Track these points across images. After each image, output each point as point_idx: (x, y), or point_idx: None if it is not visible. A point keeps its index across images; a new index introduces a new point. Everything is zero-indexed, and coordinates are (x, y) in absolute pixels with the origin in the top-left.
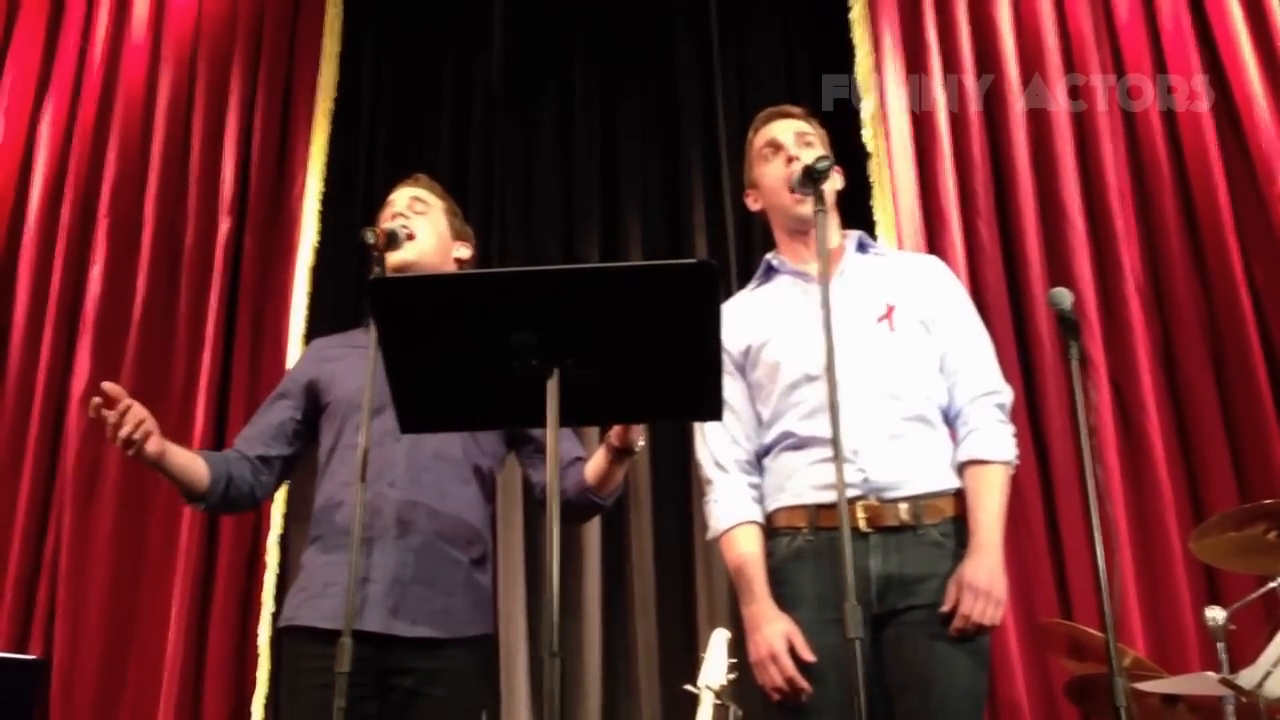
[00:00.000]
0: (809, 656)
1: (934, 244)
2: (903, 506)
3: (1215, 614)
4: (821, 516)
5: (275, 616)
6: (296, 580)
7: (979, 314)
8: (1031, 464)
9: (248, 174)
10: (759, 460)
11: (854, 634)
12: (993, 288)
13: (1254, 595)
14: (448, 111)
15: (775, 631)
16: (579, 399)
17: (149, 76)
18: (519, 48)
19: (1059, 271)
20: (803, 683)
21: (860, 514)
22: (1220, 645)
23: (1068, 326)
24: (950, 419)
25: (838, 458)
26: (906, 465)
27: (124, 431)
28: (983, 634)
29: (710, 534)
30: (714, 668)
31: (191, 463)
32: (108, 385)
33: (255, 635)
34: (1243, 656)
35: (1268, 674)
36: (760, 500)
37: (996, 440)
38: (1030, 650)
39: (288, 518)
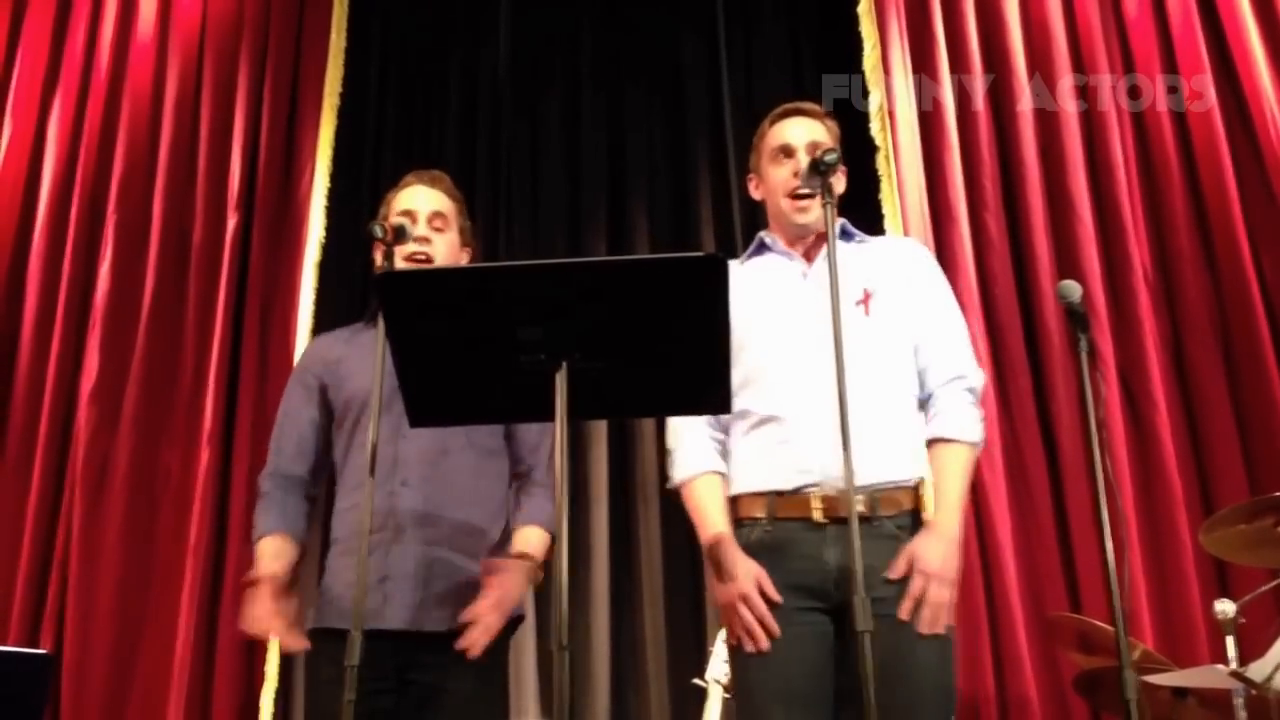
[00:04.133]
0: (776, 596)
1: (942, 237)
2: (858, 497)
3: (1225, 607)
4: (780, 506)
5: None
6: (319, 585)
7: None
8: (1040, 457)
9: (255, 170)
10: (726, 434)
11: (863, 627)
12: (1001, 281)
13: (1264, 588)
14: (455, 106)
15: (744, 572)
16: (587, 392)
17: (156, 74)
18: (525, 43)
19: (1067, 265)
20: (773, 624)
21: (817, 504)
22: (1230, 638)
23: (1076, 319)
24: (922, 402)
25: (846, 447)
26: (865, 455)
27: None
28: (939, 619)
29: (670, 483)
30: (722, 661)
31: (292, 557)
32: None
33: None
34: (1252, 649)
35: (1278, 667)
36: (724, 455)
37: (963, 420)
38: (1039, 644)
39: None
